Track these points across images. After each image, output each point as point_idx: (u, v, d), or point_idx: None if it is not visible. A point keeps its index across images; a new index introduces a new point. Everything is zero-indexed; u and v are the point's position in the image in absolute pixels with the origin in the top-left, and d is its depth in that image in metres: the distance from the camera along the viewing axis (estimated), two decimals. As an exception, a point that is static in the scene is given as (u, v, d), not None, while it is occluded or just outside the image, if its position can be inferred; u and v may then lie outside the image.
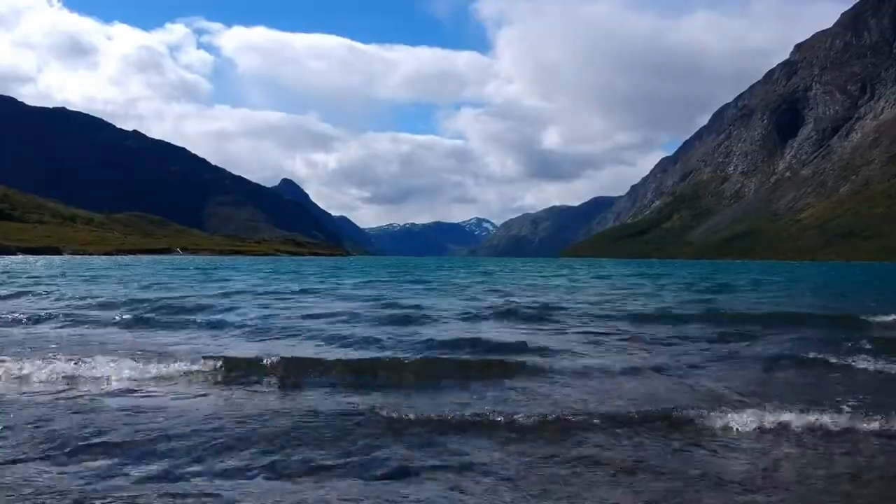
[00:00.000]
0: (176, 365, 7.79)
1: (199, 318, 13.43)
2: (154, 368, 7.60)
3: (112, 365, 7.62)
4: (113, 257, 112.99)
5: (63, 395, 6.50)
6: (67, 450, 4.78)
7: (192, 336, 11.12)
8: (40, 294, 19.29)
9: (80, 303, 16.71)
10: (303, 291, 23.27)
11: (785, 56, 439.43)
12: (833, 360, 8.69)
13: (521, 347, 9.78)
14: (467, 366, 8.26)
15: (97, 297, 18.51)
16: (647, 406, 6.18)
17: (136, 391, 6.76)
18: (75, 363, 7.64)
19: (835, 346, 9.95)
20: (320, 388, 7.10)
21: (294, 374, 7.63)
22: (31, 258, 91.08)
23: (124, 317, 13.28)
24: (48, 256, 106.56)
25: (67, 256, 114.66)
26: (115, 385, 7.00)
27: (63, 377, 7.21)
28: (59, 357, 8.00)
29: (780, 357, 9.13)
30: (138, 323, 12.59)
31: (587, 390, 7.06)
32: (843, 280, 42.88)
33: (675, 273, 55.63)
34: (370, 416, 5.79)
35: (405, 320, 13.52)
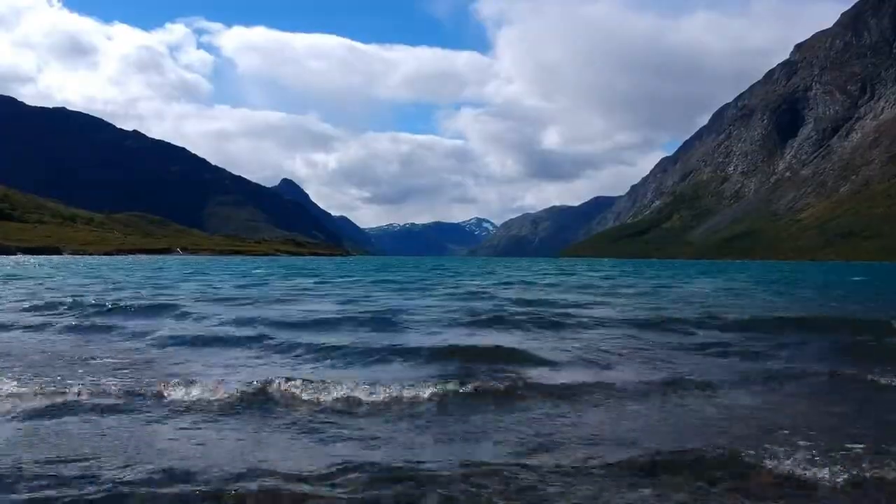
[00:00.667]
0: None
1: (133, 322, 12.44)
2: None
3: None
4: (112, 257, 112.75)
5: None
6: None
7: (107, 344, 9.95)
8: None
9: (27, 304, 15.84)
10: (292, 290, 22.26)
11: (785, 56, 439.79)
12: (877, 377, 7.51)
13: (516, 357, 8.77)
14: (447, 383, 6.94)
15: (43, 298, 17.75)
16: (665, 443, 5.08)
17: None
18: None
19: (874, 358, 8.84)
20: (213, 419, 5.76)
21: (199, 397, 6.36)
22: (30, 258, 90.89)
23: (60, 320, 12.38)
24: (48, 256, 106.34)
25: (67, 256, 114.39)
26: None
27: None
28: None
29: (815, 373, 7.87)
30: (59, 329, 11.38)
31: (586, 417, 5.97)
32: (847, 281, 42.21)
33: (677, 273, 54.47)
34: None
35: (390, 325, 12.55)
